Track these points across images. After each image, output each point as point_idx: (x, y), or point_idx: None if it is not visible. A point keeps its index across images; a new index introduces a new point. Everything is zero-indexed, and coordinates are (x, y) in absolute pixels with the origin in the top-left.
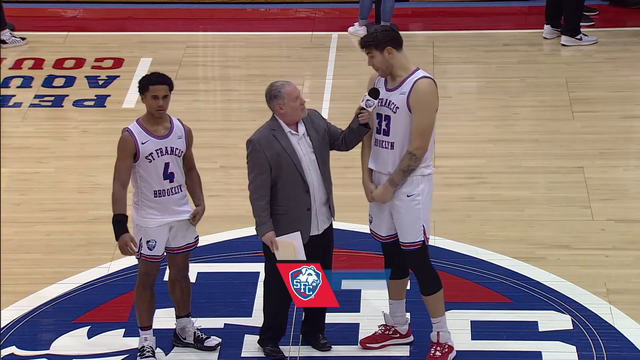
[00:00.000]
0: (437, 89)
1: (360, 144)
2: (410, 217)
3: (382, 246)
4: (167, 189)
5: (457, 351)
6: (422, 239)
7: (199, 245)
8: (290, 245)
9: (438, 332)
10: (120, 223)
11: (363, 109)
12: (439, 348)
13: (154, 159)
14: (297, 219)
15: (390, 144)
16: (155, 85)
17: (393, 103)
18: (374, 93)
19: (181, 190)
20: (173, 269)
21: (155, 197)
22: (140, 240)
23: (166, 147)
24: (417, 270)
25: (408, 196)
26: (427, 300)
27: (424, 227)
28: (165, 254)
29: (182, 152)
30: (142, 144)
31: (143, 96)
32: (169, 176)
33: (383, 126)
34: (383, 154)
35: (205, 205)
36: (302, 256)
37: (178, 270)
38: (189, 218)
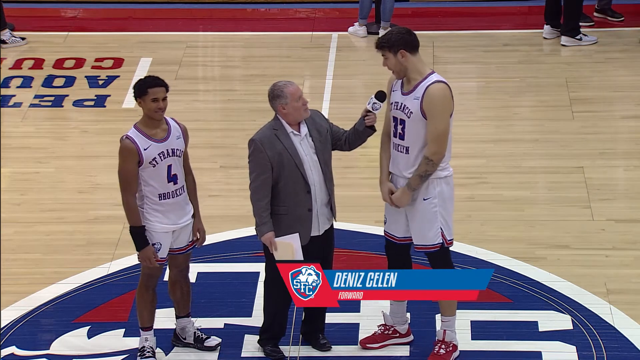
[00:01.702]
0: (452, 92)
1: (365, 144)
2: (427, 220)
3: (393, 247)
4: (172, 191)
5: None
6: (440, 241)
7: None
8: (288, 246)
9: (445, 330)
10: (140, 235)
11: (369, 111)
12: (443, 346)
13: (157, 163)
14: (298, 219)
15: (405, 148)
16: (154, 87)
17: (407, 108)
18: (380, 96)
19: (184, 191)
20: (174, 270)
21: (160, 200)
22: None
23: (167, 150)
24: None
25: (425, 199)
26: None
27: (442, 229)
28: (168, 255)
29: (182, 151)
30: (144, 150)
31: (141, 100)
32: (172, 178)
33: (399, 130)
34: (399, 158)
35: (200, 219)
36: (300, 257)
37: (179, 270)
38: (195, 243)
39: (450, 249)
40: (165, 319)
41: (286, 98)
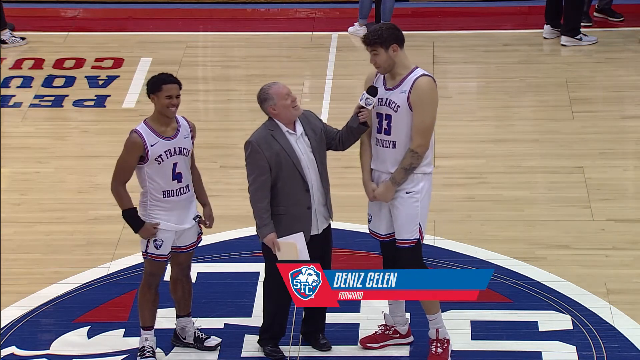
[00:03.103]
0: (437, 87)
1: (357, 143)
2: (408, 215)
3: (381, 245)
4: (176, 189)
5: (457, 351)
6: (417, 237)
7: (199, 245)
8: (292, 246)
9: (437, 329)
10: (134, 217)
11: (362, 107)
12: (439, 344)
13: (163, 161)
14: (298, 219)
15: (392, 142)
16: (169, 84)
17: (394, 102)
18: (372, 91)
19: (189, 190)
20: (176, 268)
21: (164, 197)
22: (147, 239)
23: (174, 148)
24: (410, 268)
25: (407, 193)
26: None
27: (420, 225)
28: (170, 253)
29: (189, 151)
30: (152, 146)
31: (154, 96)
32: (177, 176)
33: (384, 125)
34: (384, 153)
35: (210, 205)
36: (306, 256)
37: (181, 269)
38: (204, 223)
39: (451, 249)
40: (165, 319)
41: (273, 99)
